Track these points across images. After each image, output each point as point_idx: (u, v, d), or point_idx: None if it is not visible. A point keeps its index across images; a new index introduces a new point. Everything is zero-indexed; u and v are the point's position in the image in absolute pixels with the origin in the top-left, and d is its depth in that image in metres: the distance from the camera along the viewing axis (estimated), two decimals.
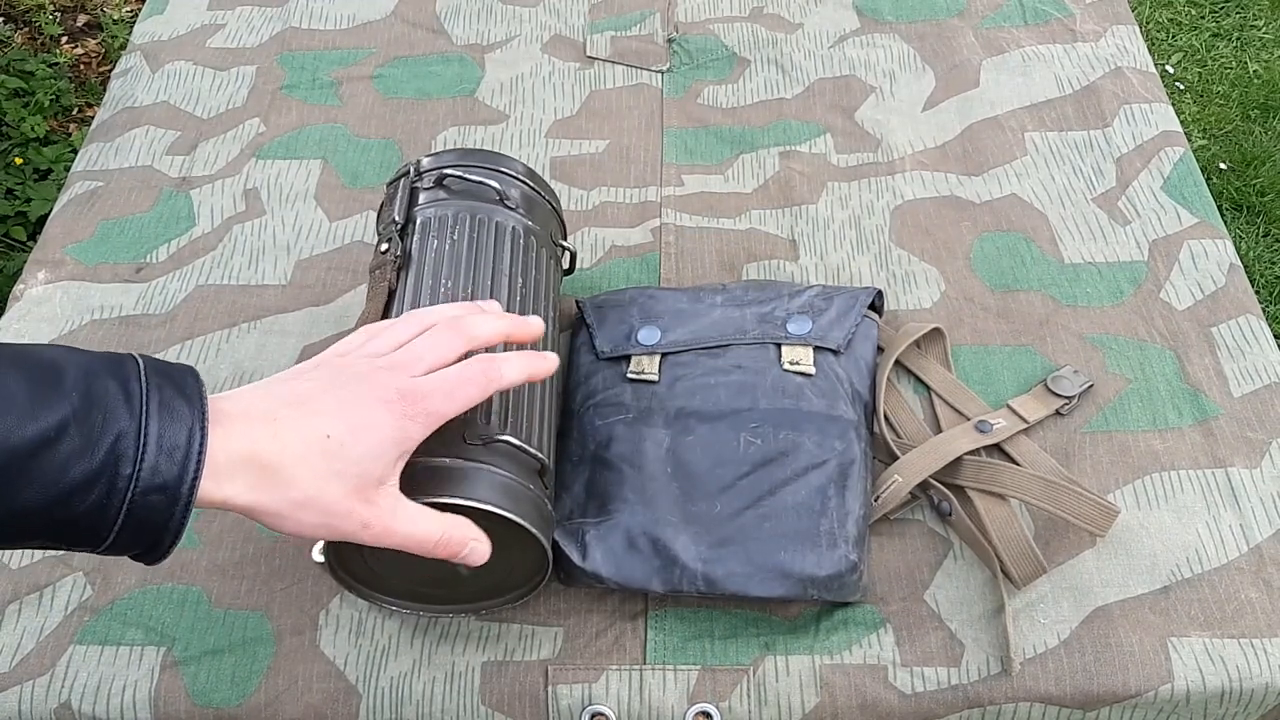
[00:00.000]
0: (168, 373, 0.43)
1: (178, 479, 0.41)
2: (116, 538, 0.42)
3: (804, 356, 0.65)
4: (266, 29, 0.98)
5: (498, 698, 0.58)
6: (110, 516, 0.41)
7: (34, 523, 0.40)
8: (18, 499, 0.39)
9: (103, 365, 0.42)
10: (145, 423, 0.41)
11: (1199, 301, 0.73)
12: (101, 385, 0.41)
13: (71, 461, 0.40)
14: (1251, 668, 0.57)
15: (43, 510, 0.40)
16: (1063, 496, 0.60)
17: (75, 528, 0.41)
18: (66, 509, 0.40)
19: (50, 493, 0.40)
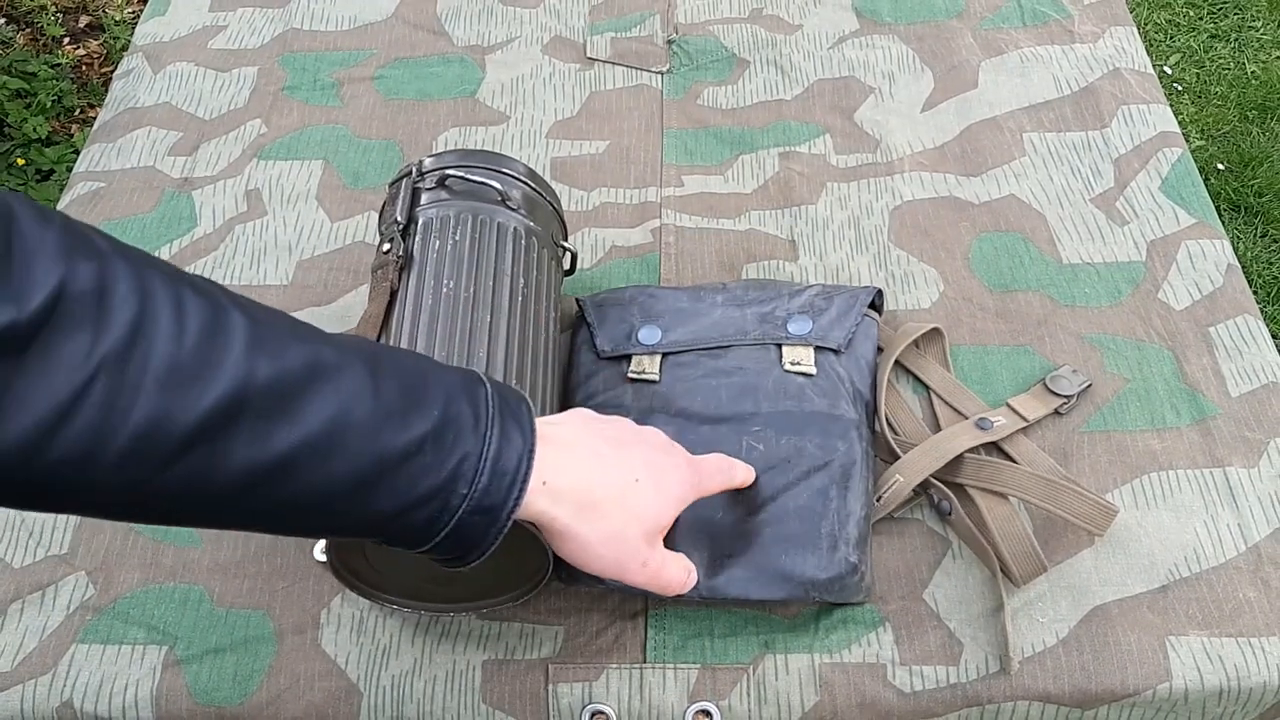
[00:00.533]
0: (507, 399, 0.46)
1: (501, 503, 0.44)
2: (435, 546, 0.44)
3: (805, 356, 0.65)
4: (268, 30, 0.98)
5: (498, 696, 0.58)
6: (437, 529, 0.43)
7: (375, 524, 0.43)
8: (374, 502, 0.42)
9: (459, 385, 0.45)
10: (487, 447, 0.44)
11: (1197, 301, 0.73)
12: (458, 406, 0.44)
13: (421, 476, 0.42)
14: (1249, 666, 0.57)
15: (388, 516, 0.42)
16: (1063, 495, 0.60)
17: (404, 532, 0.44)
18: (405, 517, 0.43)
19: (399, 501, 0.42)
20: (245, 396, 0.38)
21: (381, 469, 0.41)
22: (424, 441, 0.42)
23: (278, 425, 0.39)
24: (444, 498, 0.43)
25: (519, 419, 0.46)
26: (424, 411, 0.42)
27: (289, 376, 0.39)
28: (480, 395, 0.45)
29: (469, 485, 0.43)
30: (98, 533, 0.65)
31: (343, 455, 0.40)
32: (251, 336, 0.39)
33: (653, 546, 0.51)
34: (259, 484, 0.39)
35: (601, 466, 0.49)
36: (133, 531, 0.65)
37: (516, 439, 0.45)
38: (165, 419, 0.37)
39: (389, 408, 0.41)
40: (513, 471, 0.44)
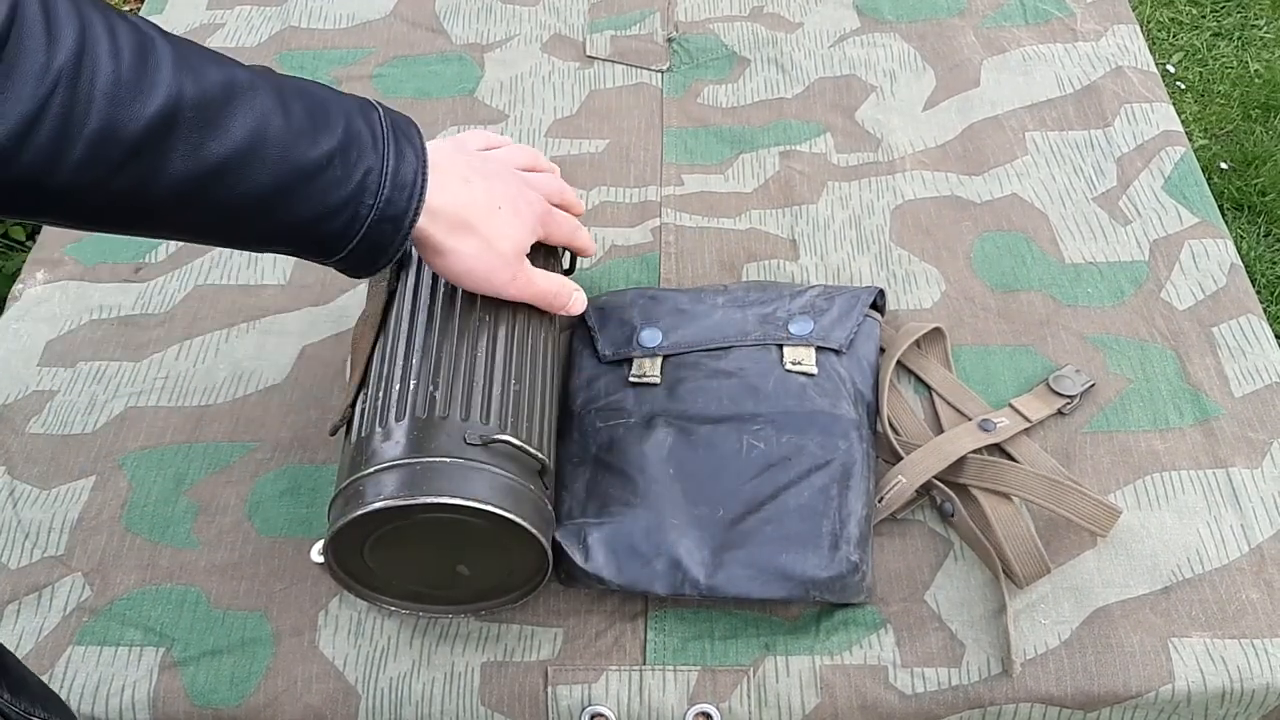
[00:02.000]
0: (396, 121, 0.52)
1: (404, 212, 0.51)
2: (348, 255, 0.51)
3: (806, 357, 0.65)
4: (265, 28, 0.98)
5: (497, 698, 0.58)
6: (350, 237, 0.50)
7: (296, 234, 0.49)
8: (294, 211, 0.48)
9: (355, 107, 0.51)
10: (386, 163, 0.50)
11: (1200, 301, 0.73)
12: (356, 124, 0.50)
13: (333, 187, 0.48)
14: (1252, 668, 0.57)
15: (308, 224, 0.48)
16: (1066, 496, 0.60)
17: (321, 242, 0.50)
18: (323, 226, 0.49)
19: (316, 210, 0.48)
20: (178, 109, 0.43)
21: (298, 178, 0.47)
22: (333, 156, 0.48)
23: (208, 137, 0.44)
24: (354, 207, 0.49)
25: (410, 139, 0.52)
26: (329, 129, 0.48)
27: (212, 93, 0.45)
28: (374, 117, 0.51)
29: (374, 196, 0.49)
30: (94, 534, 0.65)
31: (264, 165, 0.46)
32: (176, 57, 0.44)
33: (520, 262, 0.58)
34: (195, 190, 0.45)
35: (470, 191, 0.55)
36: (129, 532, 0.65)
37: (410, 156, 0.51)
38: (114, 128, 0.42)
39: (299, 125, 0.47)
40: (410, 185, 0.51)
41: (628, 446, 0.62)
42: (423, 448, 0.53)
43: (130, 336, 0.75)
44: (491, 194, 0.56)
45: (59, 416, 0.71)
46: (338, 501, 0.54)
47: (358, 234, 0.50)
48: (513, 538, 0.54)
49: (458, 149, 0.58)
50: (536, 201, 0.60)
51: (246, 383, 0.72)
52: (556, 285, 0.61)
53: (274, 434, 0.69)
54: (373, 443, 0.55)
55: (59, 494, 0.67)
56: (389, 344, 0.60)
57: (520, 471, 0.55)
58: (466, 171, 0.56)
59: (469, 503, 0.52)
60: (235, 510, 0.65)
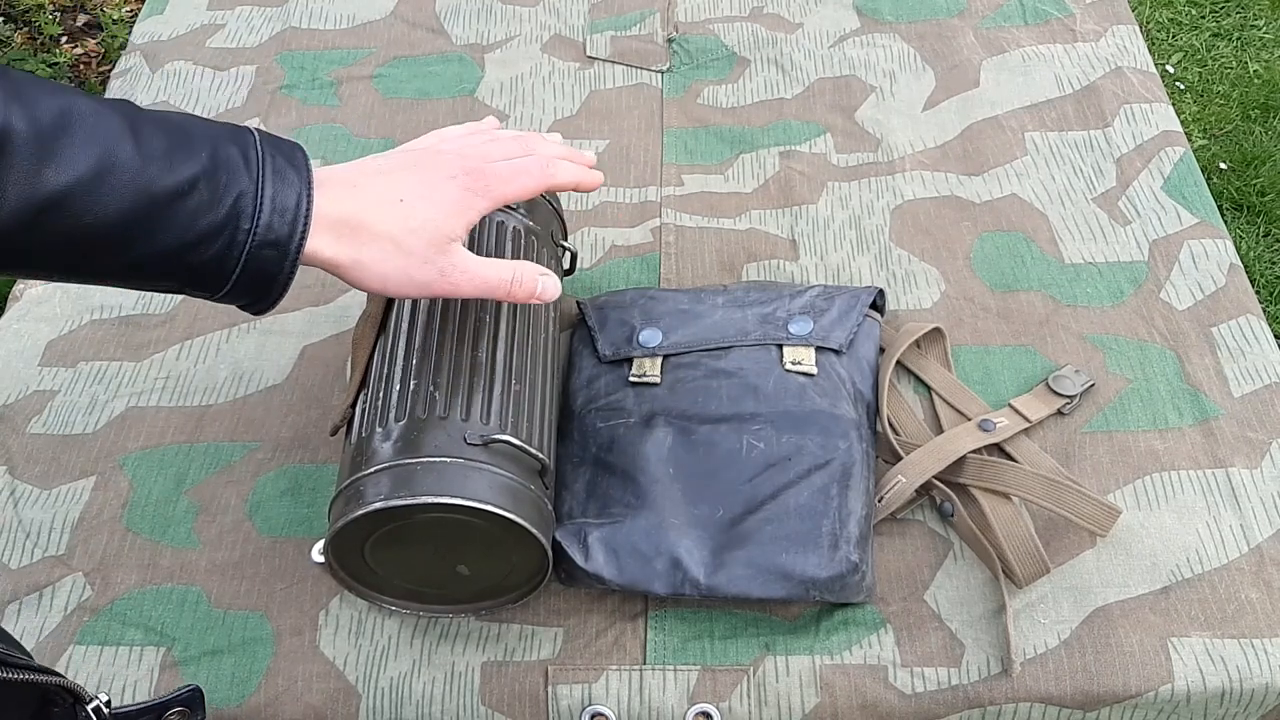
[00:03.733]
0: (278, 145, 0.49)
1: (288, 236, 0.47)
2: (233, 286, 0.48)
3: (806, 357, 0.65)
4: (266, 29, 0.98)
5: (498, 698, 0.58)
6: (230, 266, 0.47)
7: (166, 265, 0.46)
8: (156, 241, 0.45)
9: (225, 133, 0.48)
10: (262, 186, 0.47)
11: (1199, 301, 0.73)
12: (225, 150, 0.47)
13: (200, 213, 0.46)
14: (1252, 668, 0.57)
15: (174, 253, 0.46)
16: (1066, 496, 0.60)
17: (199, 274, 0.47)
18: (194, 254, 0.46)
19: (182, 238, 0.46)
20: (6, 138, 0.42)
21: (156, 207, 0.45)
22: (195, 181, 0.45)
23: (44, 167, 0.43)
24: (229, 234, 0.46)
25: (292, 160, 0.49)
26: (190, 155, 0.46)
27: (46, 121, 0.43)
28: (248, 141, 0.48)
29: (250, 221, 0.47)
30: (95, 534, 0.65)
31: (113, 194, 0.44)
32: (5, 87, 0.43)
33: (445, 254, 0.51)
34: (38, 222, 0.43)
35: (357, 194, 0.51)
36: (130, 532, 0.65)
37: (292, 177, 0.48)
38: None
39: (152, 152, 0.45)
40: (294, 207, 0.48)
41: (628, 446, 0.62)
42: (423, 448, 0.53)
43: (131, 336, 0.75)
44: (390, 188, 0.51)
45: (60, 416, 0.71)
46: (338, 501, 0.54)
47: (238, 262, 0.47)
48: (513, 538, 0.54)
49: (371, 158, 0.54)
50: (451, 176, 0.53)
51: (247, 383, 0.72)
52: (509, 272, 0.53)
53: (274, 434, 0.69)
54: (373, 443, 0.55)
55: (60, 494, 0.67)
56: (389, 344, 0.60)
57: (520, 471, 0.55)
58: (356, 175, 0.52)
59: (469, 503, 0.52)
60: (236, 510, 0.65)
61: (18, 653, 0.43)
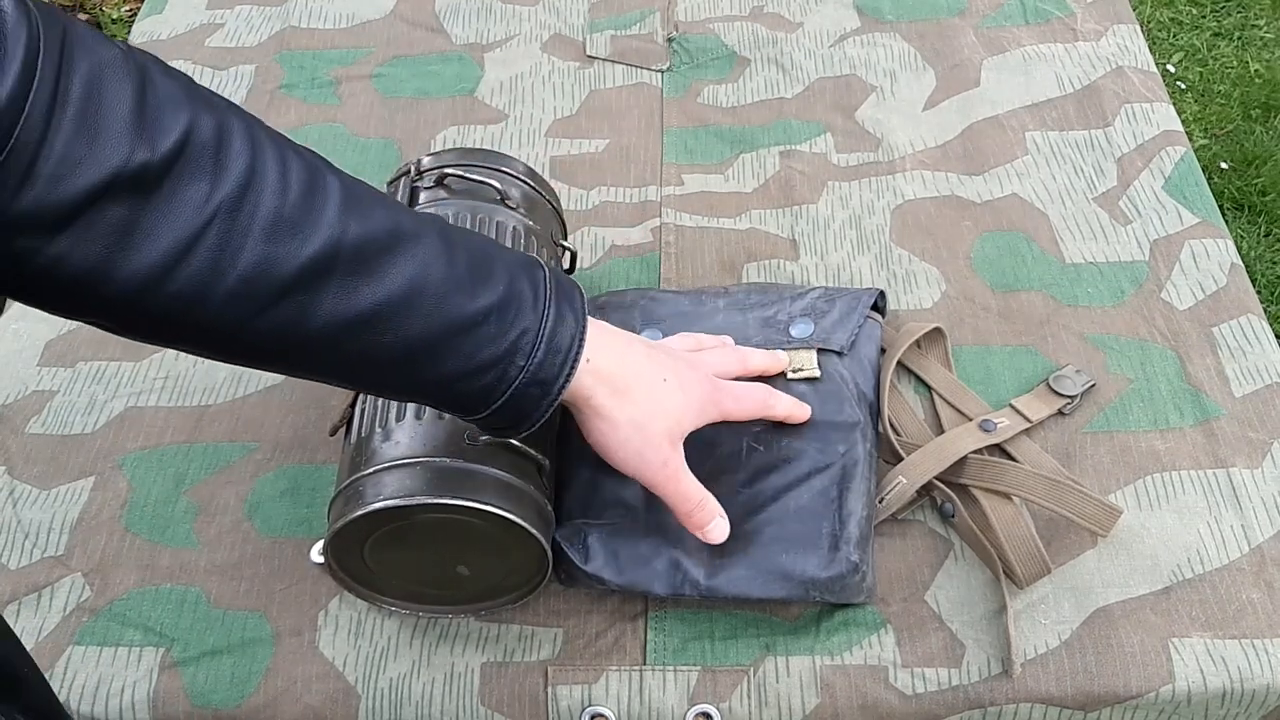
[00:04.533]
0: (562, 283, 0.51)
1: (554, 377, 0.48)
2: (491, 414, 0.48)
3: (807, 360, 0.64)
4: (265, 28, 0.98)
5: (497, 699, 0.58)
6: (495, 397, 0.48)
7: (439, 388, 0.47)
8: (440, 365, 0.46)
9: (521, 265, 0.49)
10: (544, 325, 0.48)
11: (1200, 301, 0.73)
12: (520, 284, 0.48)
13: (485, 344, 0.46)
14: (1253, 668, 0.57)
15: (452, 379, 0.46)
16: (1067, 496, 0.60)
17: (464, 399, 0.48)
18: (468, 382, 0.47)
19: (463, 366, 0.46)
20: (337, 252, 0.42)
21: (451, 333, 0.45)
22: (490, 313, 0.46)
23: (363, 283, 0.43)
24: (503, 368, 0.47)
25: (572, 302, 0.50)
26: (490, 285, 0.46)
27: (375, 238, 0.43)
28: (539, 276, 0.49)
29: (526, 358, 0.47)
30: (94, 534, 0.65)
31: (418, 316, 0.44)
32: (344, 198, 0.43)
33: (674, 448, 0.54)
34: (343, 336, 0.43)
35: (636, 358, 0.53)
36: (129, 533, 0.65)
37: (570, 320, 0.49)
38: (269, 266, 0.41)
39: (460, 278, 0.45)
40: (565, 350, 0.48)
41: None
42: (423, 448, 0.53)
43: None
44: (656, 364, 0.54)
45: (59, 417, 0.71)
46: (338, 502, 0.54)
47: (504, 395, 0.47)
48: (513, 538, 0.54)
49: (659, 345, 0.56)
50: (705, 379, 0.57)
51: (246, 383, 0.72)
52: (699, 496, 0.56)
53: (274, 434, 0.69)
54: (373, 443, 0.55)
55: (59, 494, 0.67)
56: None
57: (520, 472, 0.55)
58: (629, 338, 0.54)
59: (469, 503, 0.52)
60: (235, 510, 0.65)
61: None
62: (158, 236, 0.39)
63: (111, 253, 0.38)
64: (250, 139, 0.41)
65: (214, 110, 0.41)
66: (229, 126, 0.41)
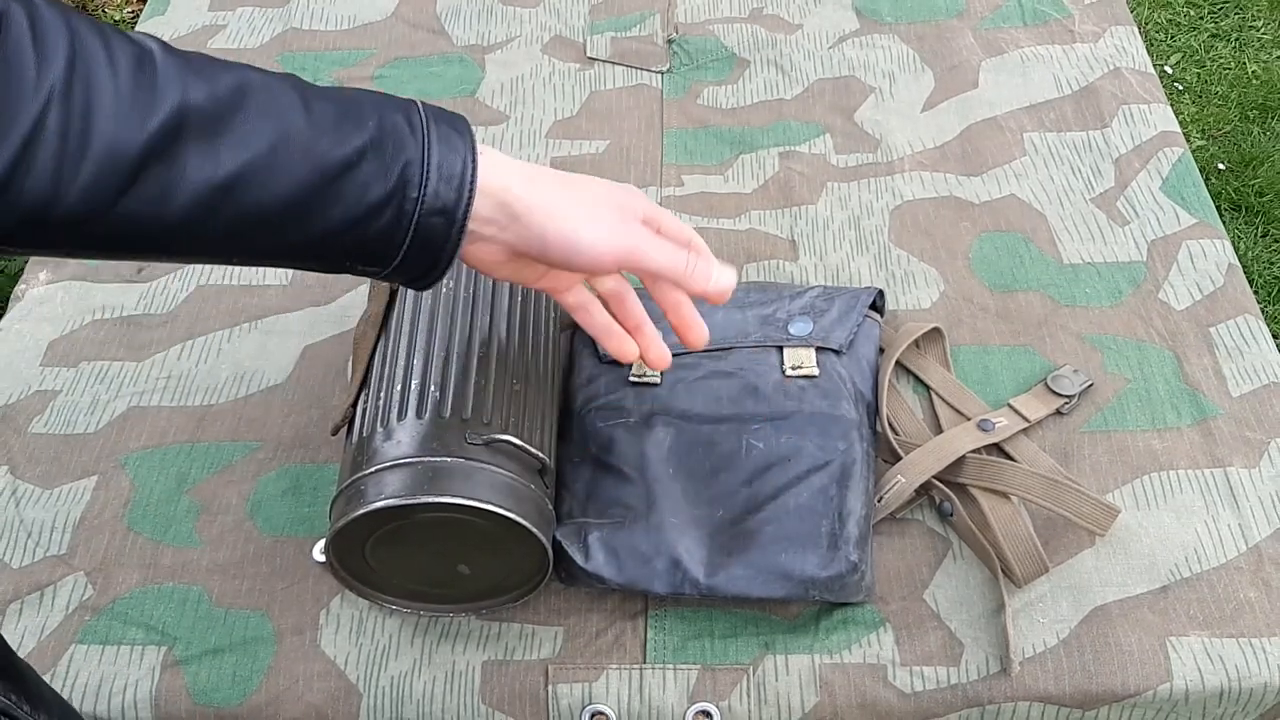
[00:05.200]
0: (441, 113, 0.48)
1: (455, 202, 0.46)
2: (402, 259, 0.46)
3: (806, 358, 0.65)
4: (267, 29, 0.98)
5: (498, 697, 0.58)
6: (399, 238, 0.46)
7: (337, 240, 0.45)
8: (328, 216, 0.44)
9: (390, 103, 0.47)
10: (428, 153, 0.46)
11: (1197, 301, 0.73)
12: (391, 119, 0.46)
13: (370, 184, 0.44)
14: (1250, 667, 0.57)
15: (344, 229, 0.45)
16: (1065, 495, 0.60)
17: (369, 247, 0.46)
18: (363, 228, 0.45)
19: (352, 212, 0.44)
20: (185, 116, 0.41)
21: (325, 179, 0.44)
22: (364, 151, 0.44)
23: (220, 144, 0.41)
24: (397, 203, 0.45)
25: (456, 127, 0.48)
26: (358, 125, 0.45)
27: (223, 95, 0.42)
28: (412, 109, 0.47)
29: (418, 189, 0.45)
30: (96, 533, 0.65)
31: (286, 169, 0.43)
32: (180, 65, 0.42)
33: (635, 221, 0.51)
34: (215, 203, 0.42)
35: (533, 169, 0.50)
36: (132, 532, 0.65)
37: (457, 142, 0.47)
38: (117, 143, 0.39)
39: (322, 123, 0.44)
40: (460, 173, 0.46)
41: (628, 446, 0.62)
42: (424, 447, 0.54)
43: (132, 336, 0.75)
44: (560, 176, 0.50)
45: (61, 416, 0.71)
46: (339, 501, 0.54)
47: (407, 232, 0.46)
48: (513, 537, 0.54)
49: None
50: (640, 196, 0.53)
51: (248, 382, 0.72)
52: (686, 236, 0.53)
53: (276, 434, 0.69)
54: (374, 442, 0.55)
55: (61, 493, 0.67)
56: (390, 344, 0.60)
57: (521, 471, 0.55)
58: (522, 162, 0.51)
59: (470, 502, 0.52)
60: (237, 509, 0.65)
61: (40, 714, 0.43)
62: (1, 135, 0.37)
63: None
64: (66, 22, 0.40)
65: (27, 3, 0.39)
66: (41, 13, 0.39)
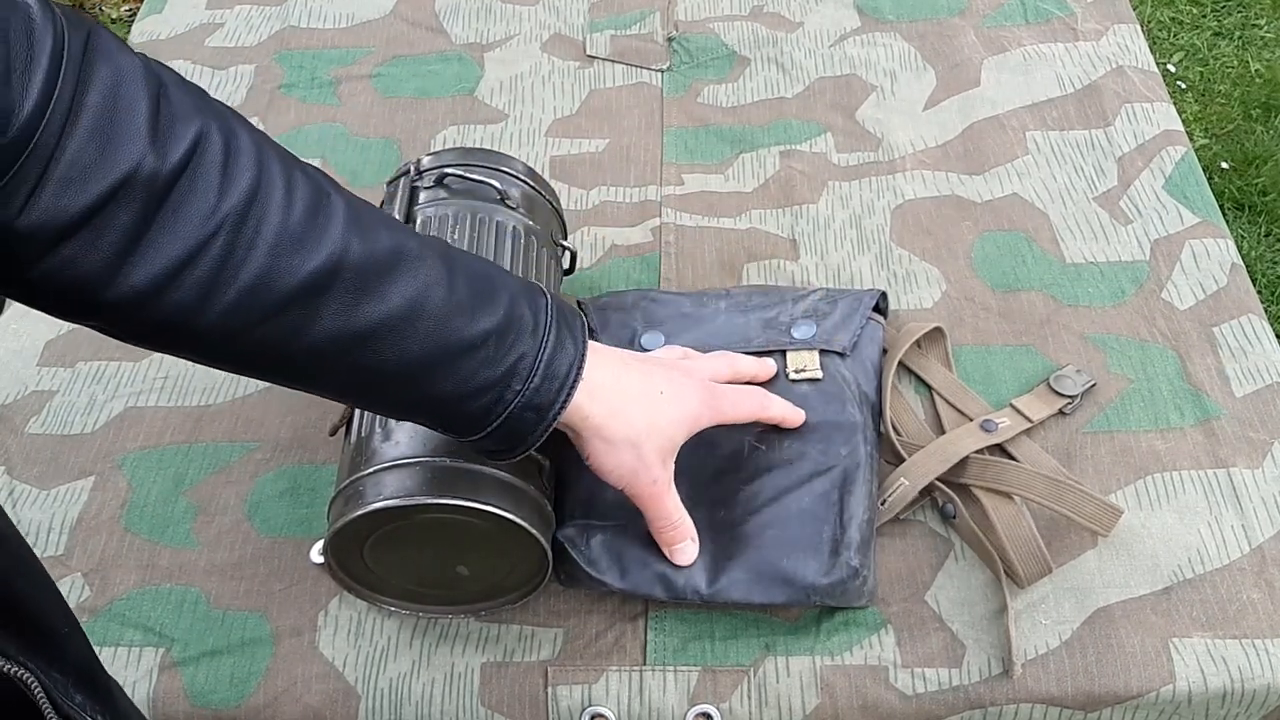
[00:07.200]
0: (564, 310, 0.51)
1: (550, 403, 0.49)
2: (487, 436, 0.49)
3: (810, 361, 0.64)
4: (265, 28, 0.97)
5: (497, 699, 0.58)
6: (491, 419, 0.48)
7: (437, 408, 0.48)
8: (438, 386, 0.46)
9: (523, 291, 0.50)
10: (543, 350, 0.48)
11: (1201, 301, 0.73)
12: (520, 309, 0.48)
13: (483, 367, 0.47)
14: (1253, 668, 0.57)
15: (448, 400, 0.47)
16: (1069, 495, 0.60)
17: (460, 420, 0.48)
18: (463, 404, 0.47)
19: (460, 388, 0.47)
20: (339, 269, 0.43)
21: (449, 355, 0.46)
22: (489, 336, 0.46)
23: (364, 300, 0.43)
24: (499, 391, 0.47)
25: (573, 329, 0.50)
26: (491, 309, 0.47)
27: (378, 257, 0.44)
28: (541, 303, 0.50)
29: (523, 383, 0.48)
30: (94, 534, 0.65)
31: (416, 337, 0.45)
32: (349, 217, 0.44)
33: (665, 466, 0.55)
34: (340, 351, 0.44)
35: (630, 374, 0.53)
36: (129, 533, 0.64)
37: (569, 347, 0.49)
38: (270, 279, 0.41)
39: (460, 301, 0.46)
40: (564, 376, 0.49)
41: None
42: (423, 448, 0.53)
43: None
44: (650, 378, 0.54)
45: (58, 417, 0.70)
46: (338, 502, 0.54)
47: (499, 418, 0.48)
48: (513, 538, 0.54)
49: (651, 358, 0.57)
50: (700, 385, 0.57)
51: (246, 383, 0.71)
52: (678, 517, 0.56)
53: (274, 434, 0.69)
54: (373, 443, 0.55)
55: (58, 494, 0.67)
56: None
57: (520, 472, 0.55)
58: (624, 357, 0.55)
59: (469, 503, 0.52)
60: (235, 510, 0.65)
61: None
62: (163, 245, 0.39)
63: (117, 259, 0.39)
64: (258, 154, 0.42)
65: (225, 124, 0.41)
66: (238, 140, 0.41)
